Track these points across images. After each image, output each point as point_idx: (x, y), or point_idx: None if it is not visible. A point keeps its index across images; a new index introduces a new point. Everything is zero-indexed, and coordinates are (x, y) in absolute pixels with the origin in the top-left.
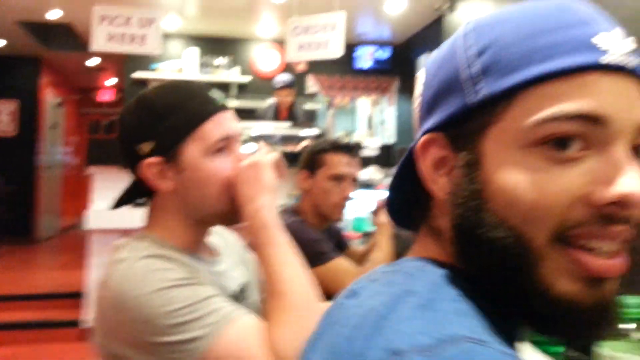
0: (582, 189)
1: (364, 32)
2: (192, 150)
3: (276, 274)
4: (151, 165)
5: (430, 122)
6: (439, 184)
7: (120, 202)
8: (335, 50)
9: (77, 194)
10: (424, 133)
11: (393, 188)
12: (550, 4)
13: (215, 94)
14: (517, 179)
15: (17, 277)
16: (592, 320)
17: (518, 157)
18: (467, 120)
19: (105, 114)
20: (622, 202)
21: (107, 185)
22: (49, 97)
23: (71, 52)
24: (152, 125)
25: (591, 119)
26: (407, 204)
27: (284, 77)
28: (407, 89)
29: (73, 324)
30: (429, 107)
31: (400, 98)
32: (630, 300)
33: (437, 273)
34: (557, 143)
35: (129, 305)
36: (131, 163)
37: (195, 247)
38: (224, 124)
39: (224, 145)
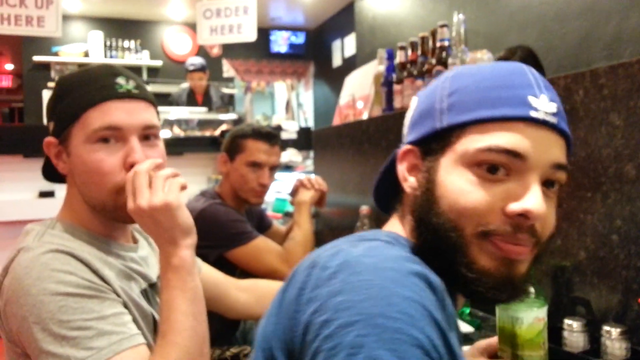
0: (499, 203)
1: (278, 16)
2: (76, 136)
3: (173, 321)
4: (49, 145)
5: (411, 137)
6: (409, 182)
7: (47, 174)
8: (248, 34)
9: None
10: (406, 144)
11: (379, 181)
12: (508, 67)
13: (125, 81)
14: (458, 186)
15: None
16: (502, 288)
17: (461, 172)
18: (434, 140)
19: (3, 100)
20: (525, 215)
21: (9, 176)
22: None
23: None
24: (53, 107)
25: (514, 154)
26: (387, 194)
27: (195, 60)
28: (322, 73)
29: None
30: (412, 124)
31: (316, 82)
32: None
33: (403, 243)
34: (488, 168)
35: (24, 300)
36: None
37: (109, 232)
38: (110, 113)
39: (110, 135)
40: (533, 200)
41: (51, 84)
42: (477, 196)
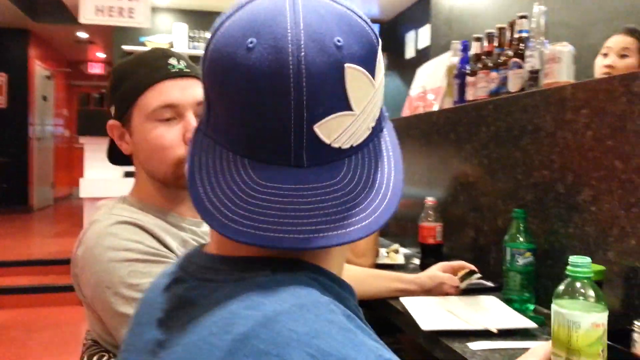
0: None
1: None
2: (137, 117)
3: None
4: (112, 127)
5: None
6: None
7: (112, 157)
8: None
9: (69, 165)
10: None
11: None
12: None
13: (176, 61)
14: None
15: (13, 244)
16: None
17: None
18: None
19: (95, 86)
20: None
21: (98, 156)
22: (38, 69)
23: (59, 24)
24: (113, 91)
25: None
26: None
27: None
28: (394, 65)
29: (69, 288)
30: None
31: (388, 74)
32: (582, 260)
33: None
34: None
35: (97, 268)
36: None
37: (174, 206)
38: (166, 92)
39: (168, 113)
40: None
41: None
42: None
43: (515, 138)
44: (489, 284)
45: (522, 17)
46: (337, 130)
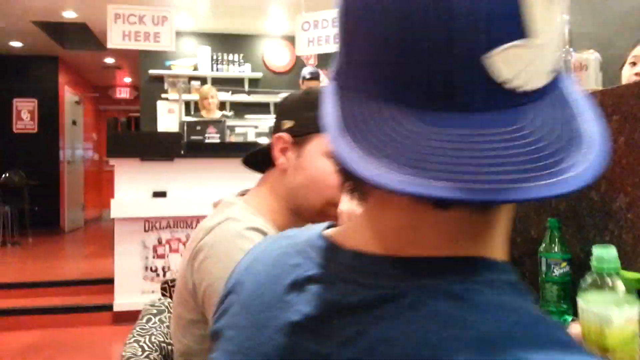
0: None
1: None
2: (316, 145)
3: None
4: (280, 139)
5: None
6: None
7: (249, 158)
8: None
9: (98, 187)
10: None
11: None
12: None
13: None
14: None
15: (46, 265)
16: None
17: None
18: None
19: (122, 110)
20: None
21: (127, 177)
22: (68, 95)
23: (87, 50)
24: (301, 110)
25: None
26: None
27: (311, 69)
28: None
29: (104, 308)
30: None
31: None
32: (611, 252)
33: None
34: None
35: (225, 263)
36: (274, 132)
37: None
38: None
39: None
40: None
41: (165, 95)
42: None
43: None
44: None
45: None
46: (512, 65)
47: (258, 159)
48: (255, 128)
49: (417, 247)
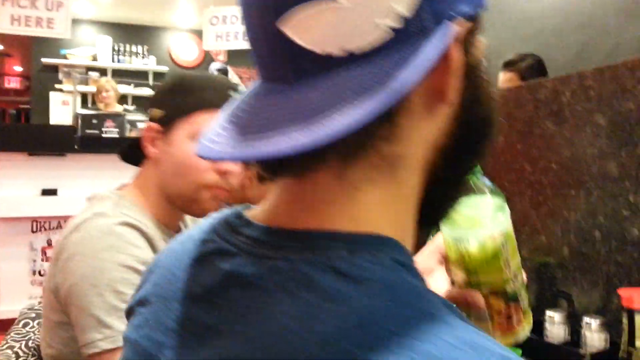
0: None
1: None
2: (182, 131)
3: None
4: (149, 130)
5: None
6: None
7: (125, 153)
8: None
9: None
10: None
11: None
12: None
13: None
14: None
15: None
16: None
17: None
18: None
19: (11, 101)
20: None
21: (13, 173)
22: None
23: None
24: (169, 97)
25: None
26: None
27: (218, 65)
28: None
29: None
30: None
31: None
32: None
33: None
34: None
35: (90, 262)
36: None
37: (169, 221)
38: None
39: None
40: None
41: (59, 86)
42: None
43: None
44: None
45: None
46: (314, 29)
47: (134, 152)
48: None
49: (304, 221)
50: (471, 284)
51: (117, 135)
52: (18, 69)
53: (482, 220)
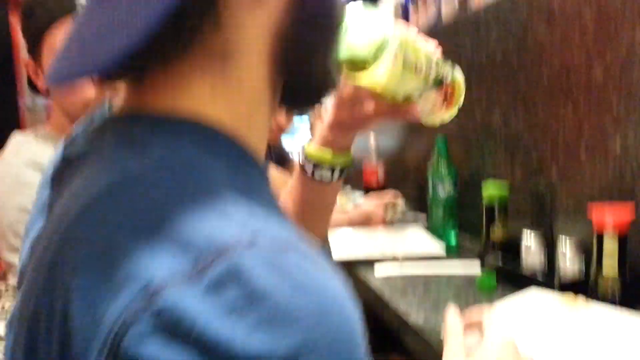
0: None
1: None
2: (46, 54)
3: None
4: (27, 65)
5: None
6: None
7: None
8: None
9: None
10: None
11: None
12: None
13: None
14: None
15: None
16: None
17: None
18: None
19: None
20: None
21: None
22: None
23: None
24: (23, 25)
25: None
26: None
27: None
28: None
29: None
30: None
31: None
32: None
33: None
34: None
35: None
36: None
37: None
38: None
39: None
40: None
41: None
42: None
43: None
44: (422, 215)
45: None
46: None
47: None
48: None
49: (137, 108)
50: (401, 100)
51: None
52: None
53: (375, 52)
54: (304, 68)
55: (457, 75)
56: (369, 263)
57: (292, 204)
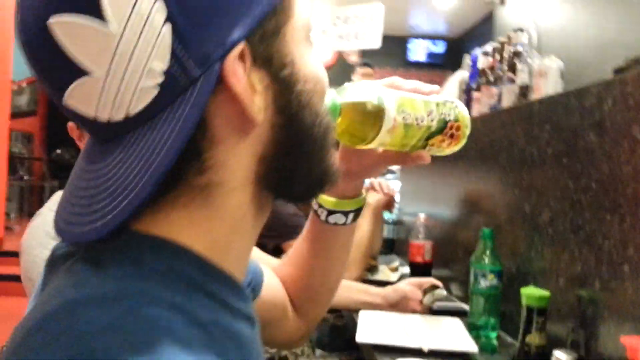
0: None
1: (417, 24)
2: None
3: None
4: (72, 130)
5: (236, 34)
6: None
7: None
8: (373, 41)
9: None
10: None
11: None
12: None
13: None
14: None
15: None
16: None
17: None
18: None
19: None
20: None
21: None
22: None
23: None
24: None
25: None
26: None
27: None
28: None
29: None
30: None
31: None
32: None
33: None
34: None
35: (25, 258)
36: None
37: None
38: None
39: None
40: None
41: None
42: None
43: (496, 154)
44: (463, 305)
45: (518, 29)
46: (88, 101)
47: None
48: None
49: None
50: (408, 150)
51: None
52: None
53: (373, 124)
54: (294, 180)
55: (460, 110)
56: (393, 350)
57: (307, 246)
